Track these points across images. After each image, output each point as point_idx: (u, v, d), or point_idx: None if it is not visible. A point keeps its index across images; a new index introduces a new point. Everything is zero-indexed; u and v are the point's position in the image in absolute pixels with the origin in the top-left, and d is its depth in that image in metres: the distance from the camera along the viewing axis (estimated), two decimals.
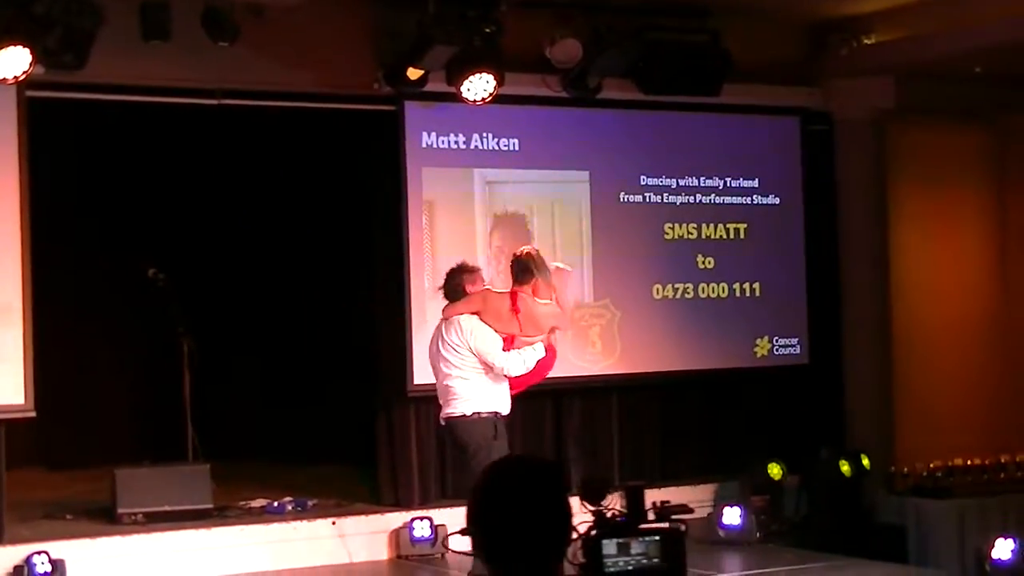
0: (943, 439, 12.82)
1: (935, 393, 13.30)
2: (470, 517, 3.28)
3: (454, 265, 9.80)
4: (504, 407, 9.46)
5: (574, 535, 3.45)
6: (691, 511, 7.46)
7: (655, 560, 3.52)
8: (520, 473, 3.31)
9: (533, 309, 9.38)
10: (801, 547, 11.20)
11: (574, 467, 12.01)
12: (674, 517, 3.68)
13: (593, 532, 3.55)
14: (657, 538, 3.55)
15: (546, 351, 9.48)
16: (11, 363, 10.07)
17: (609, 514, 3.62)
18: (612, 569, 3.48)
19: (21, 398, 10.11)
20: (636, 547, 3.52)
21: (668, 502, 3.65)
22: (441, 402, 9.53)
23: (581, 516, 3.66)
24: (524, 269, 9.49)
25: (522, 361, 9.37)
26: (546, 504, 3.22)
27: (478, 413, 9.35)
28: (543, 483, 3.27)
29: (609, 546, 3.51)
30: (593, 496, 3.67)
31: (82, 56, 9.85)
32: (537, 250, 9.77)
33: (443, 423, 9.57)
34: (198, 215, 13.84)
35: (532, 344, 9.39)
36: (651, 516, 3.74)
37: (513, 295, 9.42)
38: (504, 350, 9.30)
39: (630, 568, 3.50)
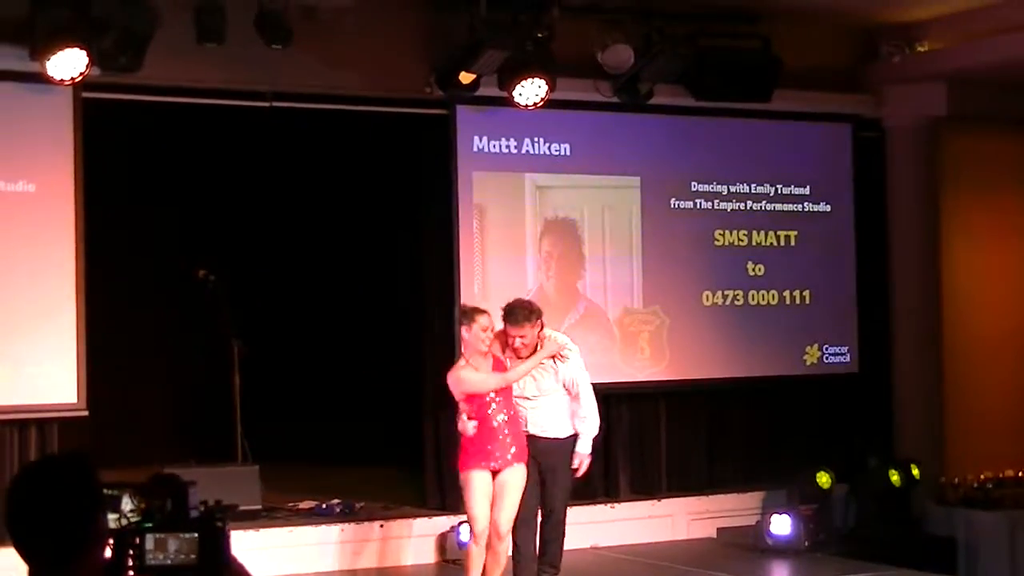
0: (994, 449, 12.73)
1: (986, 403, 13.20)
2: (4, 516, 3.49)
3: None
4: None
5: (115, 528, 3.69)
6: (235, 508, 7.32)
7: (192, 556, 3.63)
8: (40, 476, 3.52)
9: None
10: (849, 557, 11.16)
11: (622, 473, 12.01)
12: (218, 515, 3.79)
13: (136, 527, 3.69)
14: (196, 535, 3.65)
15: None
16: (64, 362, 10.16)
17: (163, 512, 3.74)
18: (152, 562, 3.63)
19: (74, 397, 10.20)
20: (173, 543, 3.65)
21: (220, 502, 3.77)
22: None
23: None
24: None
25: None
26: (57, 503, 3.41)
27: None
28: (53, 484, 3.46)
29: (149, 541, 3.64)
30: (150, 491, 3.79)
31: (138, 58, 9.91)
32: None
33: None
34: (249, 217, 13.90)
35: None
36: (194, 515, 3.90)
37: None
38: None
39: (168, 563, 3.66)
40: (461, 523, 10.81)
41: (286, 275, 14.15)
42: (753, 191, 12.58)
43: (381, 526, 10.97)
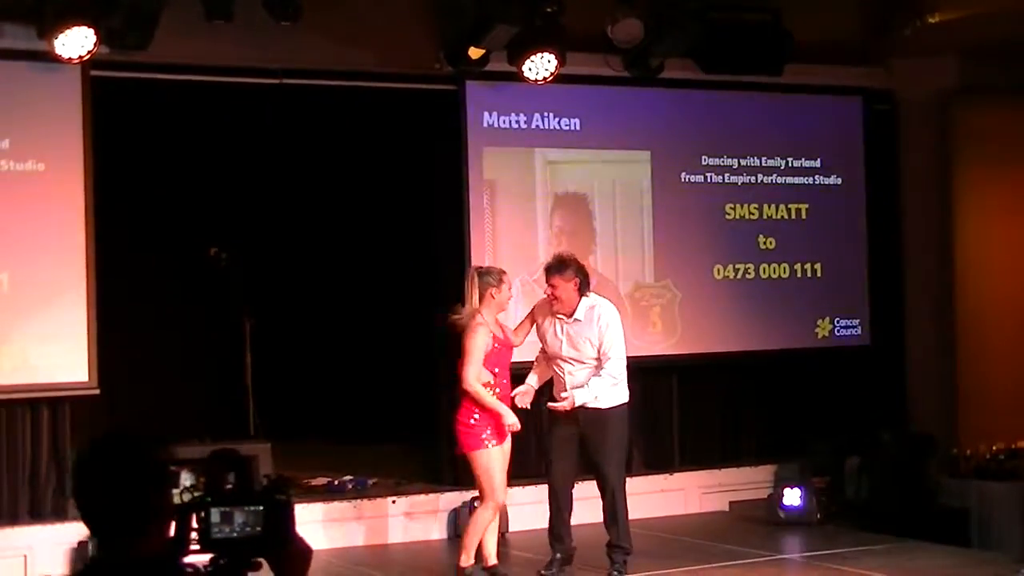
0: (1006, 421, 12.70)
1: (998, 375, 13.18)
2: (73, 490, 3.54)
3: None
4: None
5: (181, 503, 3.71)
6: (300, 481, 7.51)
7: (257, 529, 3.68)
8: (107, 451, 3.52)
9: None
10: (862, 529, 11.16)
11: (634, 447, 12.01)
12: (282, 488, 3.87)
13: (200, 501, 3.75)
14: (261, 508, 3.69)
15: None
16: (75, 341, 10.20)
17: (227, 486, 3.79)
18: (218, 535, 3.68)
19: (85, 375, 10.24)
20: (239, 516, 3.70)
21: (281, 475, 3.81)
22: None
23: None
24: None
25: None
26: (124, 479, 3.44)
27: None
28: (123, 459, 3.47)
29: (215, 515, 3.70)
30: (213, 467, 3.86)
31: (146, 36, 9.92)
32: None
33: None
34: (259, 195, 13.90)
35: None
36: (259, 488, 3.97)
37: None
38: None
39: (234, 536, 3.69)
40: (474, 499, 10.83)
41: (297, 253, 14.16)
42: (764, 164, 12.57)
43: (394, 502, 11.00)
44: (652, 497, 11.81)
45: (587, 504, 9.74)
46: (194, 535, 3.69)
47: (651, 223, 12.09)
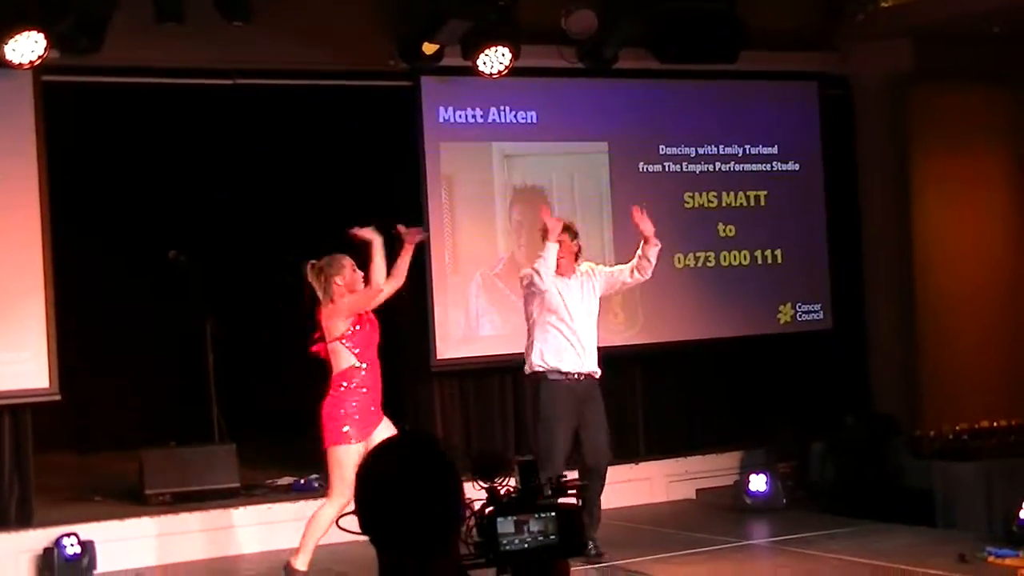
0: (968, 402, 12.75)
1: (959, 356, 13.21)
2: (355, 501, 3.17)
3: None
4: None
5: (468, 513, 3.36)
6: (584, 487, 7.62)
7: (552, 537, 3.39)
8: (400, 454, 3.20)
9: None
10: (828, 513, 11.22)
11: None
12: (570, 492, 3.52)
13: (487, 510, 3.45)
14: (554, 514, 3.42)
15: None
16: (35, 347, 10.14)
17: (503, 491, 3.46)
18: (508, 547, 3.38)
19: (46, 382, 10.17)
20: (534, 524, 3.40)
21: (564, 476, 3.46)
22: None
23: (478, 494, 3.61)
24: None
25: None
26: (426, 486, 3.13)
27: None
28: (423, 465, 3.16)
29: (505, 524, 3.40)
30: (486, 473, 3.49)
31: (97, 40, 9.88)
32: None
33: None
34: (217, 195, 13.84)
35: None
36: (547, 492, 3.55)
37: None
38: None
39: (526, 546, 3.39)
40: None
41: (256, 252, 14.10)
42: (721, 152, 12.60)
43: None
44: (618, 487, 11.75)
45: None
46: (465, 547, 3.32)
47: (610, 214, 12.10)
